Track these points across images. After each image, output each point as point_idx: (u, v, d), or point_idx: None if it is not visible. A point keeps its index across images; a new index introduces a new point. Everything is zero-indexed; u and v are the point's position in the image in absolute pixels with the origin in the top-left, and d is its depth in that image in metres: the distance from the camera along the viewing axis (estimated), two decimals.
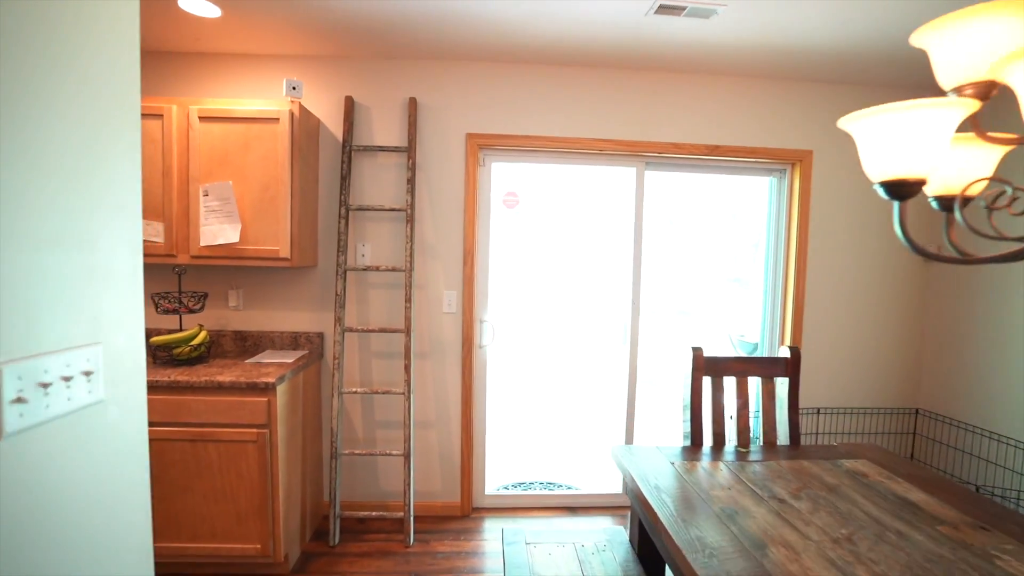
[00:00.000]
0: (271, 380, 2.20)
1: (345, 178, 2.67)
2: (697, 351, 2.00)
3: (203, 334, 2.45)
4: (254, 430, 2.23)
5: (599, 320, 3.22)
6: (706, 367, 2.00)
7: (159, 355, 2.40)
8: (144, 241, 2.63)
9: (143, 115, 2.42)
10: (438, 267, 2.84)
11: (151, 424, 2.23)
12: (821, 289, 3.08)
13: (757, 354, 3.31)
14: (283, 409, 2.31)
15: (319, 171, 2.77)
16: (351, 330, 2.65)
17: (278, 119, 2.42)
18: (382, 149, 2.71)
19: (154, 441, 2.23)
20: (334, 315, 2.75)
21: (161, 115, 2.42)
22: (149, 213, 2.45)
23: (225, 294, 2.81)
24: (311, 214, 2.66)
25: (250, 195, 2.44)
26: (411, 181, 2.68)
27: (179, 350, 2.37)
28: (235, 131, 2.42)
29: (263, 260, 2.46)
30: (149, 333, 2.81)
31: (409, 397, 2.63)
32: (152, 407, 2.21)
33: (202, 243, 2.44)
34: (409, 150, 2.69)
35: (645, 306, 3.14)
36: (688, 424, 1.99)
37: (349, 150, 2.69)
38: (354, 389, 2.64)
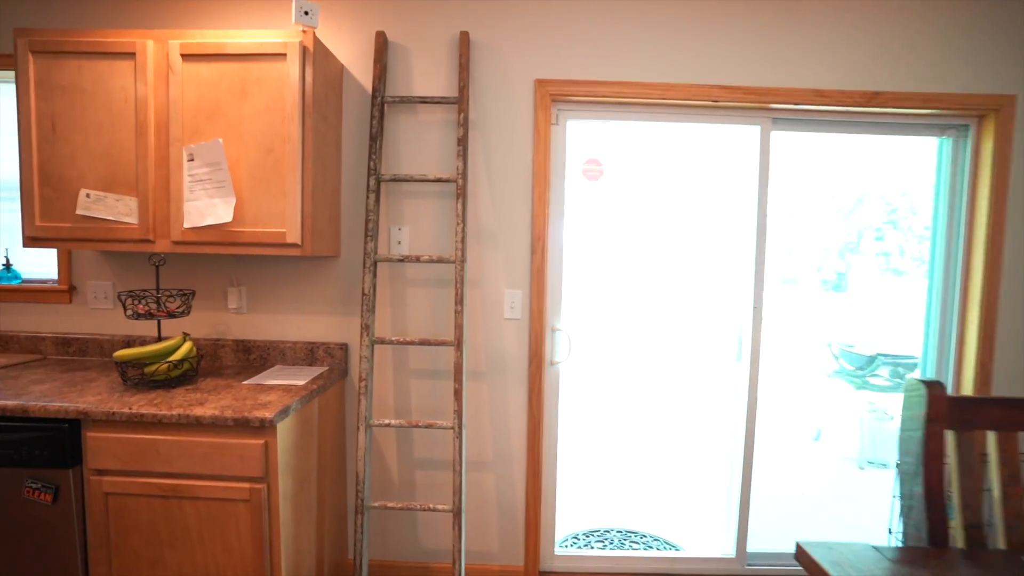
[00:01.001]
0: (268, 415, 1.54)
1: (375, 139, 2.00)
2: (935, 392, 1.22)
3: (187, 346, 1.83)
4: (246, 485, 1.58)
5: (704, 328, 2.45)
6: (950, 414, 1.22)
7: (129, 374, 1.79)
8: (112, 222, 2.04)
9: (108, 54, 1.81)
10: (497, 258, 2.14)
11: (108, 473, 1.61)
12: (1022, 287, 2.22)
13: (895, 371, 2.47)
14: (287, 454, 1.66)
15: (342, 131, 2.12)
16: (383, 341, 1.98)
17: (284, 55, 1.77)
18: (424, 101, 2.03)
19: (113, 496, 1.61)
20: (361, 321, 2.09)
21: (133, 53, 1.81)
22: (118, 184, 1.84)
23: (223, 293, 2.19)
24: (331, 186, 2.01)
25: (247, 159, 1.80)
26: (462, 142, 1.99)
27: (153, 368, 1.75)
28: (228, 73, 1.79)
29: (264, 247, 1.81)
30: (120, 344, 2.21)
31: (460, 433, 1.93)
32: (110, 449, 1.59)
33: (186, 224, 1.81)
34: (459, 102, 2.00)
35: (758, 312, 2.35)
36: (917, 508, 1.21)
37: (381, 102, 2.02)
38: (387, 421, 1.97)
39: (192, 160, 1.80)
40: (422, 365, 2.16)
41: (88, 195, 1.85)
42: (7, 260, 2.31)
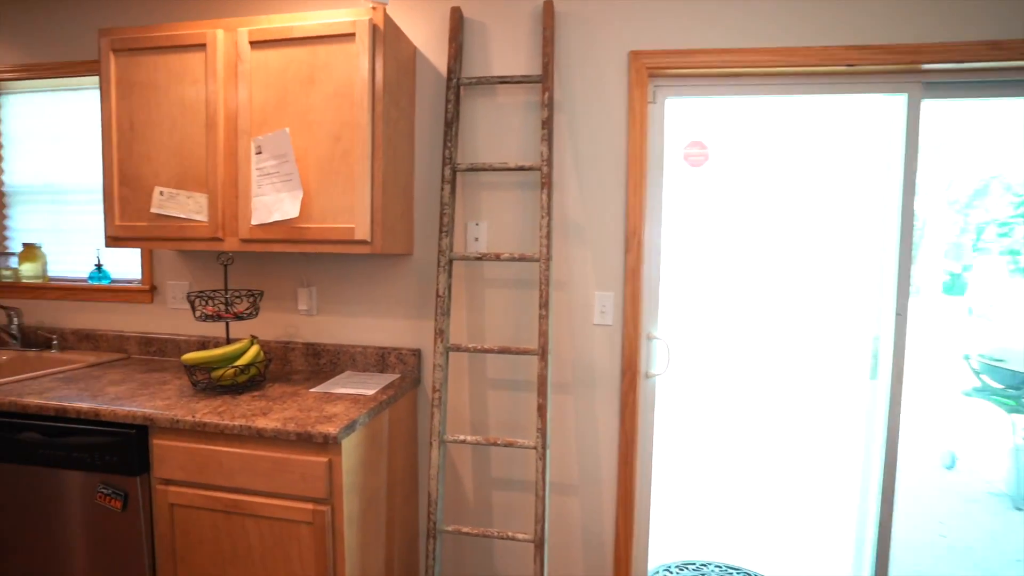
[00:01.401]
0: (332, 431, 1.38)
1: (451, 125, 1.82)
2: None
3: (253, 350, 1.72)
4: (308, 506, 1.43)
5: (827, 338, 2.07)
6: None
7: (198, 379, 1.71)
8: (183, 220, 1.86)
9: (180, 47, 1.75)
10: (586, 256, 1.88)
11: (174, 483, 1.53)
12: None
13: None
14: (354, 472, 1.50)
15: (415, 118, 1.95)
16: (458, 349, 1.79)
17: (353, 34, 1.62)
18: (503, 81, 1.83)
19: (179, 508, 1.52)
20: (435, 325, 1.91)
21: (203, 44, 1.73)
22: (189, 181, 1.78)
23: (293, 293, 2.09)
24: (403, 178, 1.84)
25: (315, 150, 1.67)
26: (547, 125, 1.76)
27: (219, 372, 1.66)
28: (296, 59, 1.66)
29: (332, 244, 1.67)
30: (195, 345, 2.17)
31: (544, 454, 1.70)
32: (175, 458, 1.50)
33: (254, 220, 1.71)
34: (543, 80, 1.78)
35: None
36: None
37: (456, 84, 1.84)
38: (462, 437, 1.77)
39: (260, 153, 1.69)
40: (501, 374, 1.95)
41: (161, 192, 1.80)
42: (98, 261, 2.35)
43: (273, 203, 1.69)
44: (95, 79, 2.30)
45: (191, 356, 1.65)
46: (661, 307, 1.95)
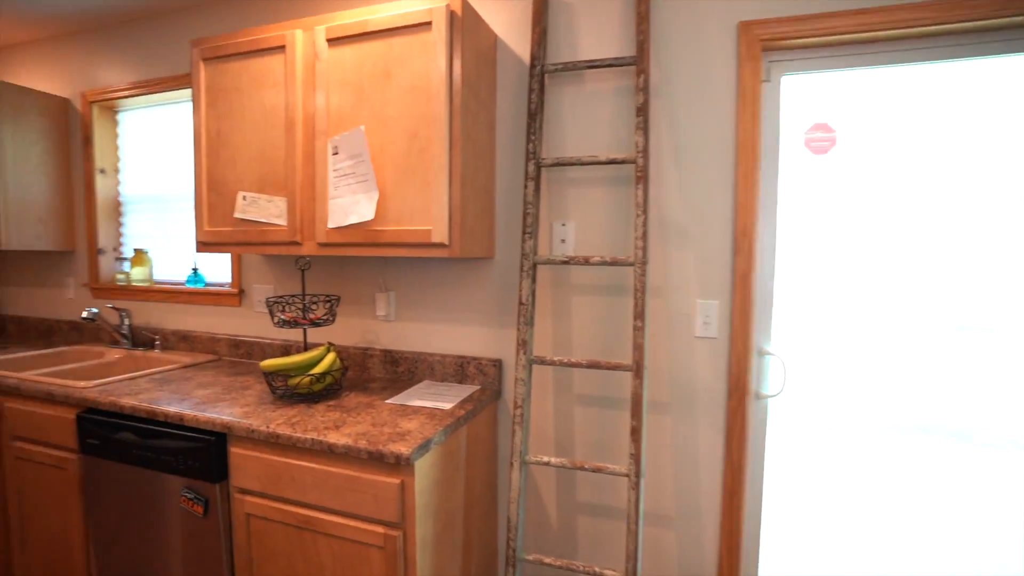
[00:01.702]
0: (405, 452, 1.27)
1: (534, 116, 1.66)
2: None
3: (329, 358, 1.67)
4: (380, 529, 1.33)
5: (982, 355, 1.69)
6: None
7: (276, 385, 1.68)
8: (264, 224, 1.84)
9: (261, 51, 1.73)
10: (686, 259, 1.66)
11: (250, 493, 1.49)
12: None
13: None
14: (428, 494, 1.38)
15: (496, 110, 1.82)
16: (542, 361, 1.63)
17: (429, 23, 1.51)
18: (592, 65, 1.64)
19: (254, 518, 1.48)
20: (517, 335, 1.77)
21: (283, 47, 1.70)
22: (269, 185, 1.76)
23: (372, 298, 2.03)
24: (483, 176, 1.71)
25: (391, 148, 1.58)
26: (642, 112, 1.55)
27: (296, 380, 1.61)
28: (372, 54, 1.58)
29: (407, 247, 1.57)
30: (278, 350, 2.18)
31: (637, 483, 1.50)
32: (251, 467, 1.46)
33: (330, 223, 1.65)
34: (638, 61, 1.58)
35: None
36: None
37: (540, 72, 1.68)
38: (546, 459, 1.61)
39: (336, 153, 1.63)
40: (589, 390, 1.77)
41: (244, 197, 1.79)
42: (195, 265, 2.44)
43: (349, 205, 1.62)
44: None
45: (269, 363, 1.61)
46: (775, 318, 1.68)
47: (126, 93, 2.48)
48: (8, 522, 1.98)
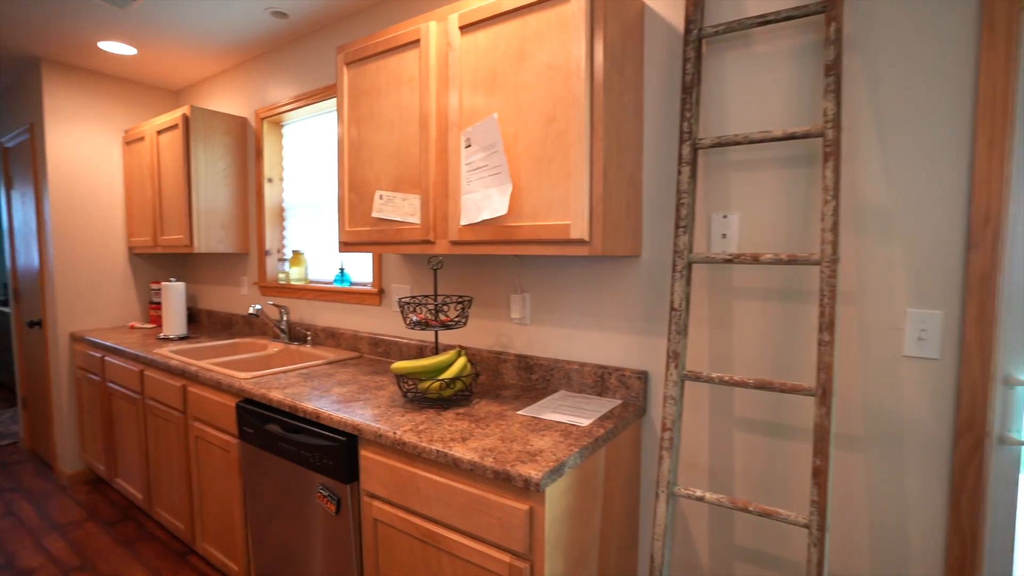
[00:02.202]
0: (535, 476, 1.12)
1: (690, 90, 1.42)
2: None
3: (460, 363, 1.58)
4: (506, 557, 1.19)
5: None
6: None
7: (406, 388, 1.63)
8: (399, 223, 1.75)
9: (397, 48, 1.70)
10: (892, 256, 1.29)
11: (377, 498, 1.45)
12: None
13: None
14: (559, 524, 1.21)
15: (643, 88, 1.60)
16: (698, 378, 1.38)
17: None
18: (765, 21, 1.35)
19: (381, 524, 1.44)
20: (668, 345, 1.53)
21: (417, 41, 1.66)
22: (404, 183, 1.72)
23: (506, 300, 1.92)
24: (629, 163, 1.51)
25: (526, 135, 1.44)
26: (833, 70, 1.23)
27: (425, 385, 1.55)
28: (505, 35, 1.46)
29: (544, 245, 1.42)
30: (413, 351, 2.15)
31: (822, 538, 1.19)
32: (379, 472, 1.42)
33: (463, 220, 1.57)
34: (828, 7, 1.26)
35: None
36: None
37: (697, 38, 1.43)
38: (698, 492, 1.35)
39: (469, 146, 1.54)
40: (755, 413, 1.47)
41: (381, 196, 1.79)
42: (342, 265, 2.55)
43: (481, 200, 1.52)
44: None
45: (400, 365, 1.57)
46: None
47: (289, 107, 2.68)
48: (191, 488, 2.21)
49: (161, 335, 2.86)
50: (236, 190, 2.94)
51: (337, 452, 1.50)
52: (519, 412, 1.53)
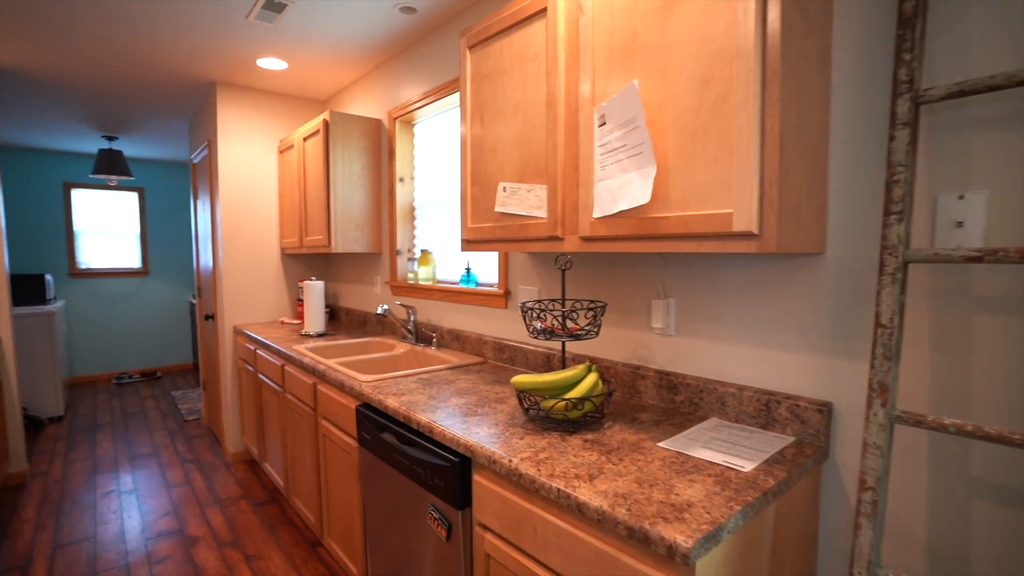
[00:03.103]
0: (683, 544, 0.85)
1: (911, 24, 1.03)
2: None
3: (589, 380, 1.34)
4: None
5: None
6: None
7: (527, 404, 1.43)
8: (524, 218, 1.52)
9: (522, 21, 1.51)
10: None
11: (490, 531, 1.26)
12: None
13: None
14: None
15: (831, 32, 1.23)
16: (918, 421, 1.00)
17: None
18: None
19: (494, 562, 1.25)
20: (869, 373, 1.16)
21: (544, 10, 1.45)
22: (529, 172, 1.53)
23: (645, 306, 1.64)
24: (812, 131, 1.15)
25: (673, 105, 1.16)
26: None
27: (549, 404, 1.33)
28: None
29: (697, 239, 1.13)
30: (540, 360, 1.95)
31: None
32: (492, 502, 1.23)
33: (596, 212, 1.33)
34: None
35: None
36: None
37: None
38: None
39: (603, 124, 1.30)
40: (1007, 477, 1.04)
41: (504, 188, 1.61)
42: (468, 265, 2.45)
43: (618, 187, 1.27)
44: None
45: (521, 380, 1.37)
46: None
47: (419, 104, 2.64)
48: (319, 484, 2.25)
49: (302, 331, 3.00)
50: (370, 191, 2.99)
51: (449, 473, 1.35)
52: (660, 444, 1.25)
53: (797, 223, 1.09)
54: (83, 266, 5.61)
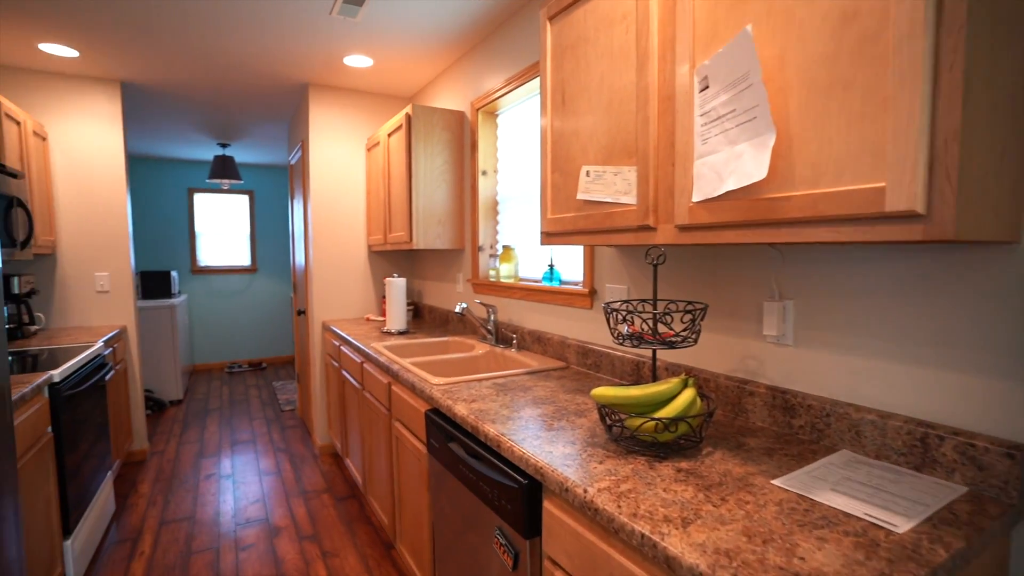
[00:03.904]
0: None
1: None
2: None
3: (685, 397, 1.11)
4: None
5: None
6: None
7: (610, 423, 1.23)
8: (609, 205, 1.28)
9: None
10: None
11: (560, 568, 1.08)
12: None
13: None
14: None
15: None
16: None
17: None
18: None
19: None
20: None
21: None
22: (617, 152, 1.32)
23: (754, 308, 1.37)
24: (1008, 80, 0.84)
25: (798, 53, 0.91)
26: None
27: (636, 423, 1.12)
28: None
29: (833, 225, 0.87)
30: (628, 368, 1.72)
31: None
32: (564, 536, 1.05)
33: (695, 196, 1.10)
34: None
35: None
36: None
37: None
38: None
39: (706, 88, 1.06)
40: None
41: (587, 172, 1.42)
42: (551, 261, 2.27)
43: (724, 163, 1.03)
44: None
45: (603, 393, 1.17)
46: None
47: (501, 92, 2.51)
48: (393, 487, 2.18)
49: (384, 328, 2.98)
50: (453, 185, 2.91)
51: (517, 496, 1.19)
52: (775, 481, 1.00)
53: (984, 201, 0.80)
54: (202, 264, 6.13)
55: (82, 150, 3.23)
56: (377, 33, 2.62)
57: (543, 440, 1.23)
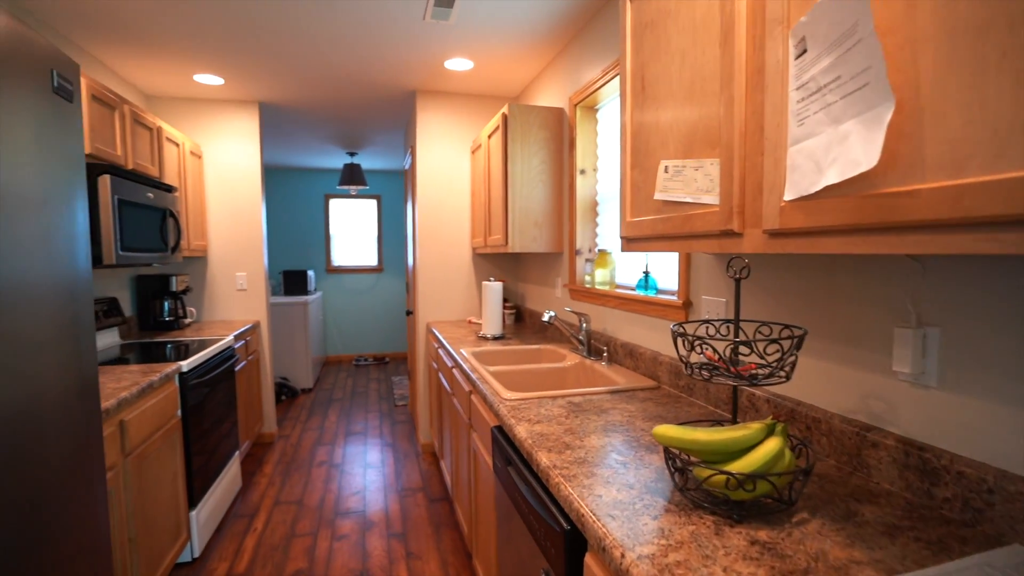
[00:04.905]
0: None
1: None
2: None
3: (770, 446, 0.87)
4: None
5: None
6: None
7: (675, 469, 1.02)
8: (689, 206, 1.10)
9: None
10: None
11: None
12: None
13: None
14: None
15: None
16: None
17: None
18: None
19: None
20: None
21: None
22: (698, 143, 1.11)
23: (882, 335, 1.06)
24: None
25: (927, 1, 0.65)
26: None
27: (705, 474, 0.91)
28: None
29: (991, 230, 0.61)
30: (715, 401, 1.46)
31: None
32: None
33: (788, 193, 0.86)
34: None
35: None
36: None
37: None
38: None
39: (803, 53, 0.82)
40: None
41: (666, 168, 1.21)
42: (646, 268, 2.05)
43: (824, 149, 0.79)
44: None
45: (664, 432, 0.97)
46: None
47: (599, 84, 2.33)
48: (471, 498, 2.12)
49: (480, 333, 2.95)
50: (551, 186, 2.79)
51: (559, 542, 1.03)
52: None
53: None
54: (336, 263, 6.68)
55: (227, 165, 3.64)
56: (473, 35, 2.58)
57: (598, 479, 1.06)
